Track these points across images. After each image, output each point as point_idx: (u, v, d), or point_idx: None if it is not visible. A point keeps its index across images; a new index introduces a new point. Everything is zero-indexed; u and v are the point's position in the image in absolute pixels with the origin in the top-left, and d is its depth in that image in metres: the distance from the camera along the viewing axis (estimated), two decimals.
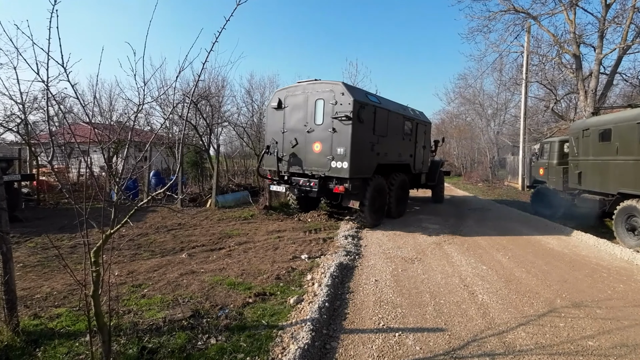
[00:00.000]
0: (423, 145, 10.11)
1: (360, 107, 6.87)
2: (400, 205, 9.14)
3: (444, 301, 3.84)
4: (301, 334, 2.86)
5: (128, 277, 4.28)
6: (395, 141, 8.45)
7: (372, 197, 7.43)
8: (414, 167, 9.60)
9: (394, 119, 8.29)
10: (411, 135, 9.26)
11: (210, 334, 2.90)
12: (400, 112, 8.73)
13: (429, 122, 10.77)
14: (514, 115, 23.41)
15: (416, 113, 9.96)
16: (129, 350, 2.60)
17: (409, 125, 9.15)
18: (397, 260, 5.30)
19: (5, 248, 2.73)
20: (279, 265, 4.81)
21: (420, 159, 10.03)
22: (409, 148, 9.29)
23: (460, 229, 7.76)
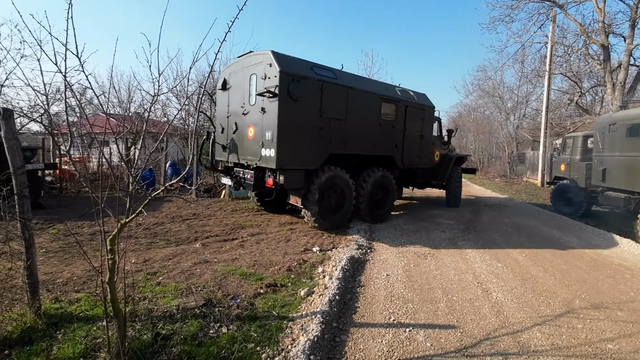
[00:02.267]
0: (420, 135, 8.15)
1: (293, 80, 5.46)
2: (379, 207, 7.43)
3: (457, 298, 3.78)
4: (311, 326, 2.87)
5: (144, 265, 4.39)
6: (365, 127, 6.78)
7: (320, 194, 6.10)
8: (402, 161, 7.75)
9: (362, 99, 6.61)
10: (395, 120, 7.41)
11: (222, 323, 2.95)
12: (374, 90, 7.01)
13: (430, 106, 8.48)
14: (535, 108, 22.65)
15: (408, 94, 7.97)
16: (143, 336, 2.67)
17: (392, 108, 7.33)
18: (409, 255, 5.25)
19: (28, 234, 2.83)
20: (290, 257, 4.84)
21: (413, 151, 8.04)
22: (392, 136, 7.43)
23: (476, 225, 7.60)
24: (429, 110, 8.51)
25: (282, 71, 5.38)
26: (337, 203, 6.55)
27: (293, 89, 5.46)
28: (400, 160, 7.76)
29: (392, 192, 7.74)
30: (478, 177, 22.36)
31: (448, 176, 9.53)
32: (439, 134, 9.80)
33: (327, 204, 6.35)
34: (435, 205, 10.41)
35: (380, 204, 7.46)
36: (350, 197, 6.66)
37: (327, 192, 6.28)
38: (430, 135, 8.66)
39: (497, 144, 26.97)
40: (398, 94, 7.59)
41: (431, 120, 8.67)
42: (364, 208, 7.00)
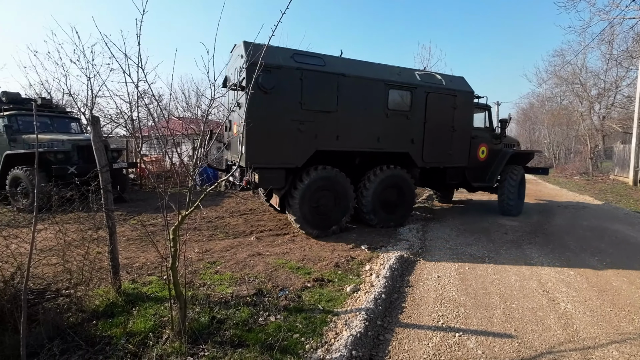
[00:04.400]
0: (451, 126, 6.74)
1: (264, 71, 4.81)
2: (392, 211, 6.49)
3: (516, 306, 3.48)
4: (355, 322, 2.90)
5: (205, 255, 4.81)
6: (364, 119, 5.87)
7: (305, 196, 5.53)
8: (421, 158, 6.54)
9: (359, 87, 5.74)
10: (411, 110, 6.27)
11: (270, 312, 3.12)
12: (377, 76, 5.96)
13: (466, 91, 6.90)
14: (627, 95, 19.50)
15: (433, 78, 6.68)
16: (201, 318, 2.95)
17: (405, 96, 6.22)
18: (464, 258, 4.95)
19: (111, 223, 3.30)
20: (338, 253, 4.90)
21: (440, 147, 6.71)
22: (407, 130, 6.30)
23: (545, 228, 6.85)
24: (465, 96, 6.86)
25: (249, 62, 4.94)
26: (329, 206, 5.87)
27: (263, 80, 4.91)
28: (420, 157, 6.51)
29: (409, 193, 6.65)
30: (553, 174, 20.05)
31: (501, 177, 7.78)
32: (488, 126, 8.02)
33: (314, 208, 5.73)
34: None
35: (393, 207, 6.53)
36: (346, 200, 5.94)
37: (315, 194, 5.66)
38: (467, 126, 7.04)
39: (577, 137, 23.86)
40: (415, 79, 6.39)
41: (468, 109, 6.98)
42: (369, 211, 6.22)
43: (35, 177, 7.23)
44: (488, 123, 8.06)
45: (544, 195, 11.48)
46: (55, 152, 8.12)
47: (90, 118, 3.15)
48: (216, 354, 2.49)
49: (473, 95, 7.07)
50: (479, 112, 7.88)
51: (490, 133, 7.95)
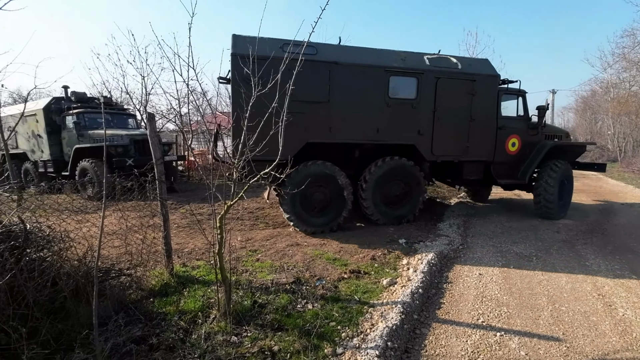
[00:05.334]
0: (468, 115, 6.03)
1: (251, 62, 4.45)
2: (398, 206, 6.11)
3: (566, 309, 3.28)
4: (391, 315, 2.92)
5: (247, 243, 5.07)
6: (361, 109, 5.52)
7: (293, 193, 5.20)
8: (431, 151, 5.98)
9: (354, 75, 5.39)
10: (417, 98, 5.74)
11: (308, 300, 3.24)
12: (376, 63, 5.54)
13: (488, 75, 6.10)
14: None
15: (447, 62, 6.01)
16: (244, 302, 3.14)
17: (410, 82, 5.72)
18: (509, 256, 4.72)
19: (165, 211, 3.61)
20: (375, 246, 4.90)
21: (454, 138, 6.06)
22: (412, 120, 5.78)
23: (604, 228, 6.27)
24: (486, 80, 6.04)
25: (233, 54, 4.90)
26: (324, 202, 5.69)
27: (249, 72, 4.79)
28: (429, 150, 5.94)
29: (418, 187, 6.08)
30: (617, 169, 18.12)
31: (538, 174, 6.75)
32: (523, 114, 6.90)
33: (307, 202, 5.57)
34: None
35: (399, 202, 6.12)
36: (343, 195, 5.67)
37: (308, 189, 5.29)
38: (490, 115, 6.24)
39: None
40: (423, 64, 5.82)
41: (491, 95, 6.16)
42: (370, 206, 5.85)
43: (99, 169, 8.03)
44: (522, 111, 6.91)
45: (605, 193, 10.44)
46: (115, 146, 8.94)
47: (147, 115, 3.45)
48: (258, 335, 2.66)
49: (497, 80, 6.19)
50: (509, 99, 6.92)
51: (524, 122, 6.85)
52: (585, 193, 10.29)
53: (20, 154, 10.78)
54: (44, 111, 9.67)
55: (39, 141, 10.05)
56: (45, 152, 9.97)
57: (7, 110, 10.75)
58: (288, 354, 2.44)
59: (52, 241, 2.98)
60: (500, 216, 7.13)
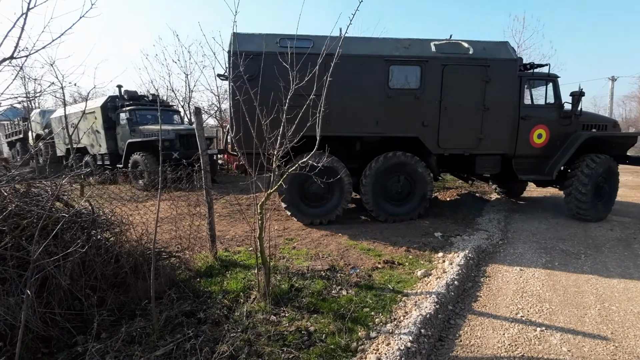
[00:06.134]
0: (482, 105, 5.55)
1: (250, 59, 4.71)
2: (401, 204, 5.88)
3: (617, 308, 3.09)
4: (425, 304, 2.94)
5: (284, 232, 5.28)
6: (358, 101, 5.39)
7: (291, 182, 5.30)
8: (437, 144, 5.66)
9: (350, 67, 5.24)
10: (421, 88, 5.44)
11: (342, 287, 3.34)
12: (374, 52, 5.38)
13: (505, 59, 5.55)
14: None
15: (456, 47, 5.58)
16: (282, 285, 3.31)
17: (413, 71, 5.45)
18: (554, 253, 4.49)
19: (209, 199, 3.89)
20: (410, 239, 4.89)
21: (464, 130, 5.63)
22: (416, 111, 5.51)
23: None
24: (503, 65, 5.51)
25: (230, 51, 4.92)
26: (321, 193, 5.66)
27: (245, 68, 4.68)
28: (435, 142, 5.62)
29: (422, 183, 5.76)
30: None
31: (570, 170, 5.99)
32: (554, 102, 6.09)
33: (304, 193, 5.64)
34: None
35: (403, 199, 5.89)
36: (341, 188, 5.61)
37: (306, 180, 5.37)
38: (508, 103, 5.67)
39: None
40: (428, 51, 5.48)
41: (509, 81, 5.61)
42: (369, 201, 5.70)
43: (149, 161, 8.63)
44: (553, 98, 6.11)
45: None
46: (162, 140, 9.59)
47: (194, 110, 3.71)
48: (295, 316, 2.81)
49: (516, 64, 5.63)
50: (538, 86, 6.29)
51: (555, 111, 6.07)
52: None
53: (82, 148, 11.91)
54: (102, 109, 10.61)
55: (97, 136, 11.04)
56: (103, 146, 10.94)
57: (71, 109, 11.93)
58: (323, 335, 2.56)
59: (113, 224, 3.34)
60: (545, 212, 6.73)
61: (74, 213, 2.90)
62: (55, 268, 2.56)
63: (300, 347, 2.44)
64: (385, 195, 5.82)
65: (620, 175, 10.40)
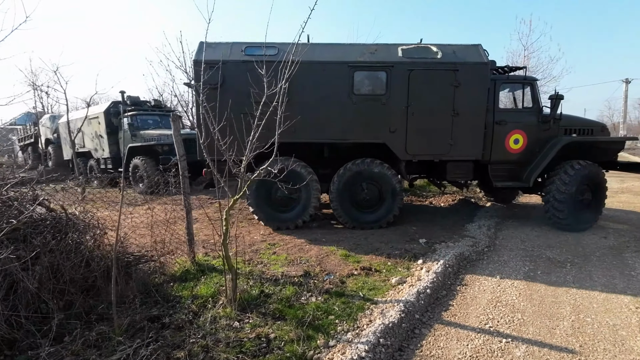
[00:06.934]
0: (452, 110, 5.44)
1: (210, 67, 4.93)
2: (370, 211, 5.77)
3: (592, 320, 2.99)
4: (391, 312, 2.91)
5: (268, 237, 5.30)
6: (323, 107, 5.36)
7: (257, 187, 5.34)
8: (404, 150, 5.55)
9: (314, 73, 5.23)
10: (387, 94, 5.39)
11: (313, 293, 3.33)
12: (338, 58, 5.34)
13: (476, 63, 5.41)
14: None
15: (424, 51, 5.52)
16: (252, 291, 3.33)
17: (379, 77, 5.43)
18: (539, 261, 4.38)
19: (187, 203, 3.93)
20: (393, 245, 4.84)
21: (428, 135, 5.52)
22: (382, 117, 5.44)
23: None
24: (473, 69, 5.37)
25: (195, 60, 5.13)
26: (288, 199, 5.67)
27: (209, 76, 4.88)
28: (402, 148, 5.53)
29: (392, 191, 5.62)
30: None
31: (549, 176, 5.74)
32: (532, 106, 5.94)
33: (272, 199, 5.66)
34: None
35: (372, 206, 5.78)
36: (309, 194, 5.59)
37: (272, 186, 5.27)
38: (479, 108, 5.48)
39: None
40: (394, 56, 5.42)
41: (480, 85, 5.43)
42: (337, 208, 5.65)
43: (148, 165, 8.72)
44: (530, 102, 5.97)
45: None
46: (162, 145, 9.76)
47: (172, 116, 3.78)
48: (258, 322, 2.81)
49: (487, 67, 5.45)
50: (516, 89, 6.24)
51: (534, 115, 5.85)
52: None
53: (87, 152, 12.21)
54: (105, 114, 10.87)
55: (100, 141, 11.31)
56: (106, 151, 11.19)
57: (76, 114, 12.26)
58: (282, 342, 2.56)
59: (90, 228, 3.42)
60: (540, 219, 6.56)
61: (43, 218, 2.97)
62: (23, 272, 2.64)
63: (257, 354, 2.45)
64: (353, 203, 5.75)
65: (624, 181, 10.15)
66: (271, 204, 5.73)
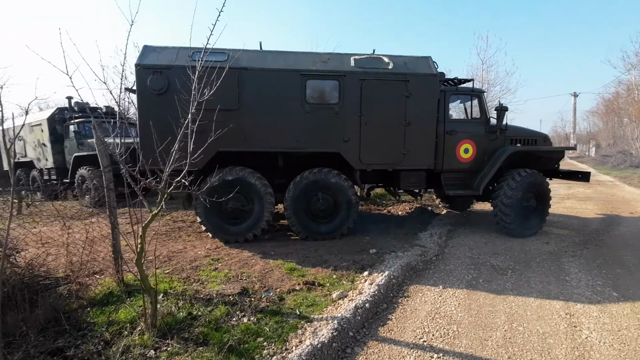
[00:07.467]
0: (404, 119, 5.51)
1: (153, 72, 4.88)
2: (325, 221, 5.65)
3: (524, 329, 3.01)
4: (323, 331, 2.76)
5: (214, 251, 5.02)
6: (275, 116, 5.26)
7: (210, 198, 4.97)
8: (358, 159, 5.54)
9: (265, 81, 5.16)
10: (340, 103, 5.34)
11: (246, 313, 3.12)
12: (290, 67, 5.26)
13: (426, 74, 5.52)
14: None
15: (376, 62, 5.56)
16: (180, 313, 3.06)
17: (331, 86, 5.37)
18: (483, 269, 4.43)
19: (113, 219, 3.61)
20: (342, 256, 4.73)
21: (380, 145, 5.53)
22: (335, 126, 5.38)
23: (602, 239, 5.82)
24: (423, 80, 5.48)
25: (137, 64, 4.93)
26: (239, 211, 5.44)
27: (152, 82, 4.83)
28: (356, 158, 5.50)
29: (348, 202, 5.56)
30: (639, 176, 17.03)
31: (497, 184, 5.98)
32: (480, 116, 6.15)
33: (223, 210, 5.35)
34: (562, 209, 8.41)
35: (327, 217, 5.66)
36: (261, 205, 5.40)
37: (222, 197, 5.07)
38: (430, 118, 5.62)
39: None
40: (346, 65, 5.42)
41: (430, 96, 5.56)
42: (291, 217, 5.50)
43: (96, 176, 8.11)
44: (478, 113, 6.20)
45: (616, 201, 9.77)
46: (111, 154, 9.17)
47: (92, 124, 3.48)
48: (178, 350, 2.56)
49: (436, 79, 5.56)
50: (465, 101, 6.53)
51: (482, 126, 6.08)
52: (594, 201, 9.69)
53: (29, 162, 11.27)
54: (48, 121, 10.10)
55: (44, 150, 10.48)
56: (50, 160, 10.37)
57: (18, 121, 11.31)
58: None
59: None
60: (490, 225, 6.73)
61: None
62: None
63: None
64: (308, 213, 5.61)
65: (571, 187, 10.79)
66: (221, 215, 5.44)
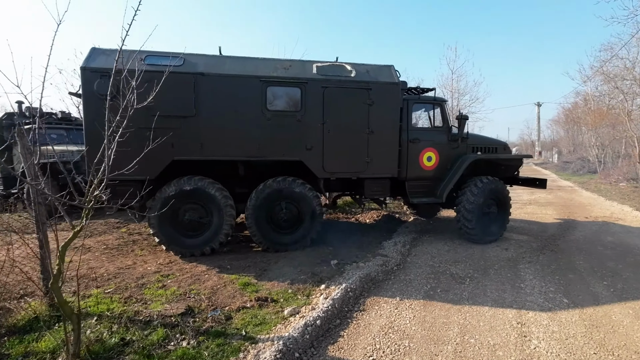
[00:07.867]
0: (367, 128, 5.46)
1: (101, 76, 4.56)
2: (287, 232, 5.46)
3: (475, 341, 2.96)
4: (266, 354, 2.58)
5: (166, 267, 4.71)
6: (236, 123, 5.04)
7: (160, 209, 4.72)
8: (322, 167, 5.41)
9: (224, 87, 4.96)
10: (302, 110, 5.23)
11: (186, 336, 2.89)
12: (247, 73, 5.07)
13: (388, 83, 5.50)
14: None
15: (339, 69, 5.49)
16: (111, 339, 2.79)
17: (293, 93, 5.24)
18: (442, 278, 4.41)
19: (41, 236, 3.28)
20: (302, 268, 4.58)
21: (350, 154, 5.47)
22: (298, 134, 5.27)
23: (557, 244, 6.01)
24: (385, 89, 5.46)
25: (83, 68, 4.63)
26: (196, 223, 5.18)
27: (100, 86, 4.54)
28: (320, 166, 5.38)
29: (312, 213, 5.44)
30: (596, 180, 18.07)
31: (460, 192, 6.04)
32: (442, 125, 6.23)
33: (178, 221, 5.09)
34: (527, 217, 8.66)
35: (290, 227, 5.48)
36: (221, 218, 5.14)
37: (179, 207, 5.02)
38: (393, 126, 5.61)
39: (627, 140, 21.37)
40: (308, 72, 5.32)
41: (392, 105, 5.55)
42: (252, 227, 5.29)
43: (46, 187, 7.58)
44: (441, 121, 6.26)
45: (574, 206, 10.23)
46: (64, 163, 8.59)
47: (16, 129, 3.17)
48: None
49: (398, 87, 5.53)
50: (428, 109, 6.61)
51: (444, 134, 6.14)
52: (554, 206, 10.09)
53: None
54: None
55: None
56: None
57: None
58: None
59: None
60: (454, 232, 6.80)
61: None
62: None
63: None
64: (271, 224, 5.41)
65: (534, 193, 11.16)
66: (177, 226, 5.12)
